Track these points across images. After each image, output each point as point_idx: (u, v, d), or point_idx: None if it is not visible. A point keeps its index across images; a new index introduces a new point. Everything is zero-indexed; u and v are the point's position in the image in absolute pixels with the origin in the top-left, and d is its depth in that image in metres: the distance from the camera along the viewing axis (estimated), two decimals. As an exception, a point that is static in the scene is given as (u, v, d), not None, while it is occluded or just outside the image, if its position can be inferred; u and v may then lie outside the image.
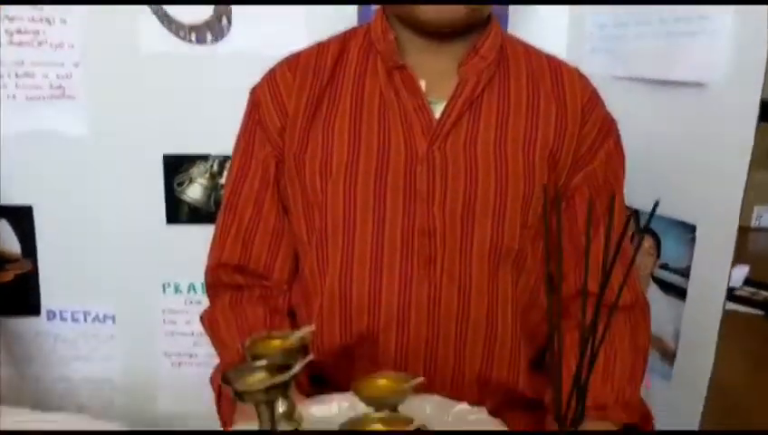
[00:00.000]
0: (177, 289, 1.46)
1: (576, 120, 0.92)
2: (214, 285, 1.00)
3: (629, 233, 1.07)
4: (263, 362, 0.63)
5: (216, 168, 1.42)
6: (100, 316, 1.48)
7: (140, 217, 1.44)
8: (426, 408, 0.76)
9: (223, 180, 1.39)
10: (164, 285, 1.46)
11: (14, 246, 1.44)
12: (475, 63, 0.91)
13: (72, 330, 1.48)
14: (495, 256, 0.89)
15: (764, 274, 2.37)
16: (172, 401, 1.49)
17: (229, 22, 1.35)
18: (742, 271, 2.39)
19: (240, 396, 0.59)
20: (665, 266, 1.19)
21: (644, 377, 0.93)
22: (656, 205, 0.63)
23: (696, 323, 1.14)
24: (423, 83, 0.91)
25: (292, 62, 0.96)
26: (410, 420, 0.58)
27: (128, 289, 1.47)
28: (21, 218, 1.43)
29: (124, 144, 1.40)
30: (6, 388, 1.46)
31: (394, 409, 0.68)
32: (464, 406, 0.76)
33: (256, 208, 0.96)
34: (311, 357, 0.65)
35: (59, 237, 1.44)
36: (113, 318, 1.48)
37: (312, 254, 0.93)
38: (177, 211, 1.44)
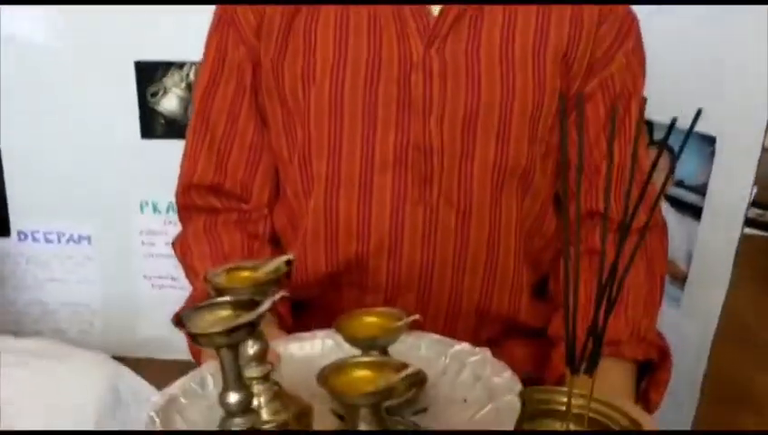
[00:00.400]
0: (155, 208, 1.38)
1: (593, 18, 0.80)
2: (186, 207, 0.90)
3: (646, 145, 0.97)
4: (225, 299, 0.54)
5: (192, 76, 1.30)
6: (75, 237, 1.40)
7: (113, 130, 1.34)
8: (420, 347, 0.67)
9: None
10: (141, 204, 1.38)
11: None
12: None
13: (45, 251, 1.41)
14: (499, 175, 0.79)
15: (773, 192, 2.29)
16: (153, 325, 1.42)
17: None
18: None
19: (196, 339, 0.50)
20: (679, 183, 1.09)
21: (661, 305, 0.84)
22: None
23: (710, 245, 1.05)
24: None
25: None
26: (403, 366, 0.49)
27: (103, 208, 1.38)
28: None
29: (91, 50, 1.28)
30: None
31: (384, 350, 0.59)
32: (463, 346, 0.67)
33: (231, 120, 0.85)
34: (283, 293, 0.55)
35: (26, 152, 1.35)
36: (89, 239, 1.40)
37: (294, 171, 0.82)
38: (152, 124, 1.34)
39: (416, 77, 0.77)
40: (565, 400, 0.56)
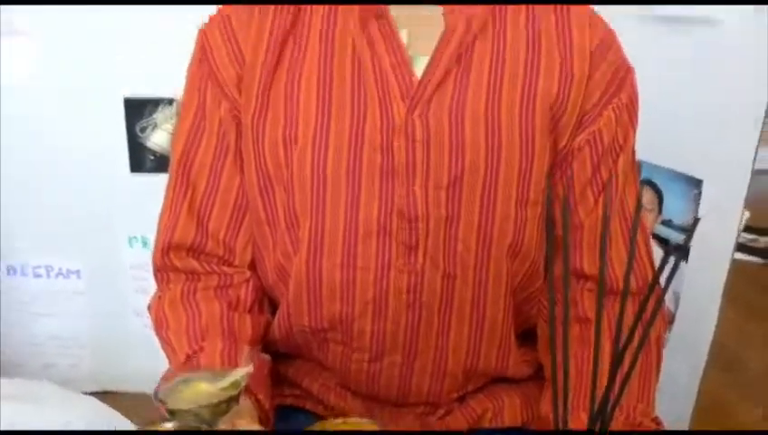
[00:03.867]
0: (144, 243, 1.37)
1: (584, 69, 0.77)
2: (164, 268, 0.84)
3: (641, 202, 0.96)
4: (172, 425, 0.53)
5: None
6: (64, 271, 1.40)
7: (102, 165, 1.34)
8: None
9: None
10: (130, 239, 1.37)
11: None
12: (464, 8, 0.76)
13: (34, 286, 1.40)
14: (485, 239, 0.76)
15: (765, 219, 2.28)
16: (144, 360, 1.41)
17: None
18: (743, 216, 2.31)
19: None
20: (667, 223, 1.10)
21: (659, 374, 0.81)
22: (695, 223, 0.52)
23: (698, 284, 1.05)
24: (404, 34, 0.76)
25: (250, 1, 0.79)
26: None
27: (92, 243, 1.38)
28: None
29: (81, 87, 1.29)
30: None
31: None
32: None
33: (213, 176, 0.81)
34: (248, 370, 0.54)
35: (16, 187, 1.35)
36: (78, 273, 1.40)
37: (281, 233, 0.80)
38: (142, 159, 1.34)
39: (398, 143, 0.74)
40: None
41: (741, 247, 2.16)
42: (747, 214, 2.29)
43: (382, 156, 0.74)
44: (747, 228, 2.28)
